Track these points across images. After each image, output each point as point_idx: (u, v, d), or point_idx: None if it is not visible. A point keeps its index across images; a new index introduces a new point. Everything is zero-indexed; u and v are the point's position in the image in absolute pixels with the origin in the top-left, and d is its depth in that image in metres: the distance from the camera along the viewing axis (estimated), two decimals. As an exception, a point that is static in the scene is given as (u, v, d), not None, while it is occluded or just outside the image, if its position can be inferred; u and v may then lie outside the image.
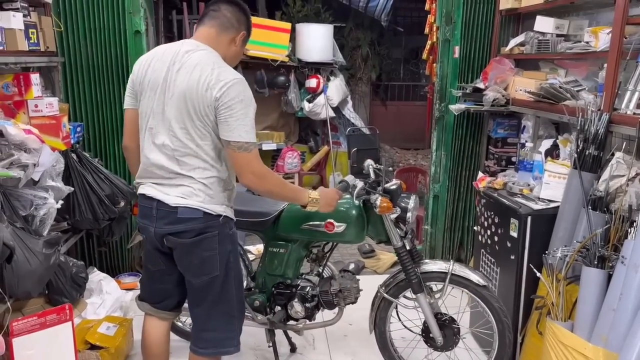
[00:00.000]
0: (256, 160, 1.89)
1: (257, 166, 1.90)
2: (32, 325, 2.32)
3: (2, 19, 2.64)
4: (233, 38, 1.99)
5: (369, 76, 8.20)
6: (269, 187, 2.00)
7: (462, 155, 3.97)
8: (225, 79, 1.82)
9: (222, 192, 1.99)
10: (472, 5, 3.70)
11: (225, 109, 1.82)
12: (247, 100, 1.85)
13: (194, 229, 1.93)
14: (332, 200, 2.23)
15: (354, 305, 2.62)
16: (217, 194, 1.97)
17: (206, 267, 1.99)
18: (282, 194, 2.08)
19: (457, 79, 3.82)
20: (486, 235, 3.04)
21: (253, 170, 1.90)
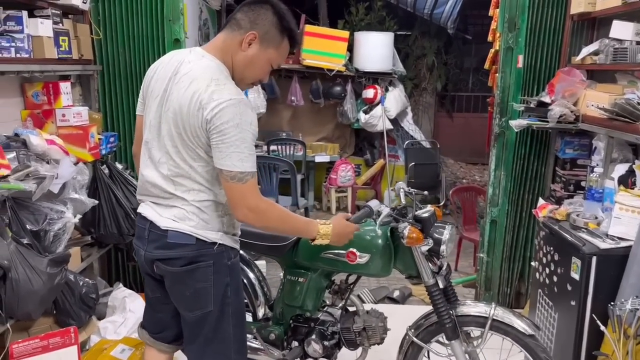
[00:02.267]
0: (252, 193, 1.64)
1: (253, 200, 1.65)
2: (34, 349, 2.22)
3: (30, 27, 2.58)
4: (240, 41, 1.69)
5: (434, 86, 7.79)
6: (268, 224, 1.75)
7: (525, 177, 3.55)
8: (220, 98, 1.57)
9: (219, 218, 1.76)
10: (539, 10, 3.30)
11: (217, 134, 1.58)
12: (245, 125, 1.59)
13: (185, 257, 1.71)
14: (344, 235, 1.97)
15: (380, 346, 2.32)
16: (213, 219, 1.74)
17: (199, 300, 1.76)
18: (285, 230, 1.88)
19: (520, 92, 3.41)
20: (544, 273, 2.64)
21: (248, 205, 1.65)
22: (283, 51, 1.76)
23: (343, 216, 2.01)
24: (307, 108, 6.17)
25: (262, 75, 1.78)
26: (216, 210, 1.75)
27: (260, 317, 2.52)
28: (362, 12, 7.05)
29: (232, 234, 1.82)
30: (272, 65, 1.77)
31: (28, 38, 2.57)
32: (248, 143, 1.61)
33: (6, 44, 2.42)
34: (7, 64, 2.41)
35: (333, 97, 5.98)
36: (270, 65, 1.76)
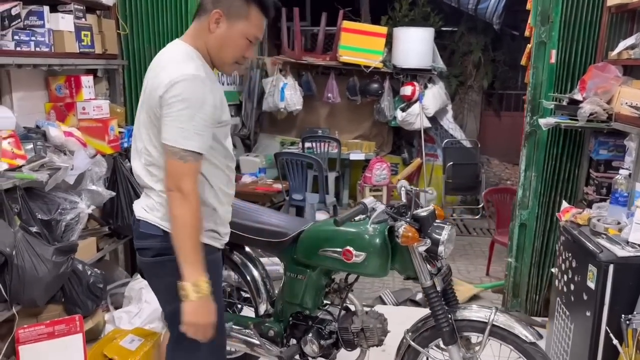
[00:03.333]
0: (189, 177, 1.55)
1: (189, 185, 1.55)
2: (40, 334, 2.29)
3: (51, 21, 2.67)
4: (208, 24, 1.63)
5: (481, 84, 7.53)
6: (182, 216, 1.56)
7: (557, 179, 3.36)
8: (172, 75, 1.54)
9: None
10: (574, 2, 3.10)
11: (165, 107, 1.54)
12: (194, 101, 1.53)
13: (154, 248, 1.68)
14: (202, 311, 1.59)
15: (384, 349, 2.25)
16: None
17: (170, 295, 1.66)
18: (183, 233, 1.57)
19: (553, 89, 3.23)
20: (563, 281, 2.48)
21: (181, 186, 1.54)
22: (255, 20, 1.65)
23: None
24: (343, 105, 6.11)
25: (240, 51, 1.68)
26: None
27: (262, 313, 2.50)
28: (405, 8, 6.91)
29: (207, 229, 1.73)
30: (250, 39, 1.67)
31: (49, 32, 2.65)
32: (196, 122, 1.53)
33: (26, 38, 2.51)
34: (25, 57, 2.50)
35: (370, 94, 5.89)
36: (247, 39, 1.66)
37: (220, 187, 1.76)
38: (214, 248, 1.80)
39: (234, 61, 1.71)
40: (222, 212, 1.80)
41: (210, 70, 1.70)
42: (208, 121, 1.57)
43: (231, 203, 1.89)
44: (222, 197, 1.78)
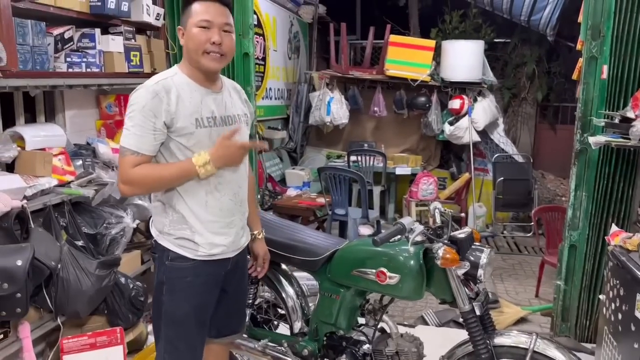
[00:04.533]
0: (124, 167, 1.71)
1: (125, 173, 1.71)
2: (83, 345, 2.38)
3: (102, 43, 2.80)
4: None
5: (535, 96, 7.31)
6: (148, 189, 1.89)
7: (609, 199, 3.20)
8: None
9: (162, 218, 1.84)
10: (627, 15, 2.96)
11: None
12: (134, 105, 1.69)
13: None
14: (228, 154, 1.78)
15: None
16: (158, 217, 1.86)
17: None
18: (169, 184, 1.78)
19: (605, 105, 3.10)
20: (610, 309, 2.36)
21: (121, 178, 1.73)
22: (197, 9, 1.74)
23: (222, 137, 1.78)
24: (390, 119, 6.08)
25: (198, 41, 1.73)
26: (162, 210, 1.84)
27: (297, 332, 2.50)
28: (456, 20, 6.83)
29: (175, 237, 1.82)
30: (200, 26, 1.72)
31: (99, 54, 2.78)
32: (135, 122, 1.68)
33: (77, 60, 2.65)
34: (77, 77, 2.63)
35: (417, 108, 5.84)
36: (198, 27, 1.73)
37: (194, 195, 1.80)
38: (184, 257, 1.82)
39: (203, 52, 1.74)
40: (200, 220, 1.82)
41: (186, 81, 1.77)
42: (146, 121, 1.67)
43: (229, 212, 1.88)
44: (196, 206, 1.81)
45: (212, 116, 1.81)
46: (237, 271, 2.03)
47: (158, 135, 1.71)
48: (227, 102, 1.89)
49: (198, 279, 1.85)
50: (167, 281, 1.84)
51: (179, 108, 1.72)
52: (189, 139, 1.75)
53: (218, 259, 1.88)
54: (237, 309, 2.16)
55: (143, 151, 1.70)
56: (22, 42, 2.24)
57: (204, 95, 1.80)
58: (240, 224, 1.95)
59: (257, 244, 2.20)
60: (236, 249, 1.95)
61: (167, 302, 1.85)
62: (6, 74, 2.12)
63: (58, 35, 2.52)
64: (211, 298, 1.94)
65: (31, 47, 2.29)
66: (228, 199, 1.87)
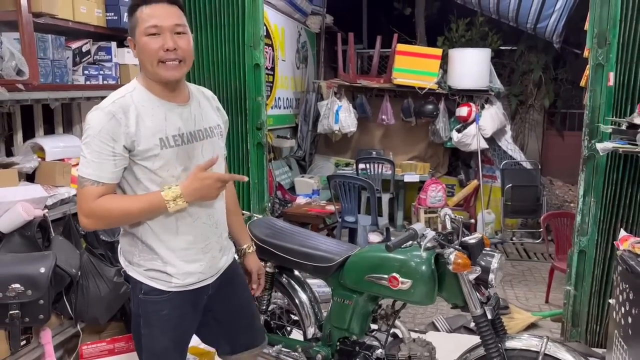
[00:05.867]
0: (85, 199, 1.54)
1: (86, 206, 1.54)
2: (101, 351, 2.44)
3: (118, 56, 2.87)
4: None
5: (542, 103, 7.34)
6: (112, 224, 1.69)
7: (617, 205, 3.22)
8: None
9: (130, 247, 1.71)
10: (633, 23, 3.00)
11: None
12: (89, 130, 1.53)
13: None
14: (203, 187, 1.60)
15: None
16: (126, 247, 1.72)
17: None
18: (135, 219, 1.62)
19: (612, 112, 3.13)
20: (620, 313, 2.39)
21: (82, 211, 1.56)
22: (143, 14, 1.59)
23: (197, 168, 1.63)
24: (398, 127, 6.13)
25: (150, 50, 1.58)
26: (130, 239, 1.70)
27: (310, 337, 2.55)
28: (462, 29, 6.89)
29: (145, 268, 1.68)
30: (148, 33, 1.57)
31: (116, 66, 2.86)
32: (91, 149, 1.53)
33: (95, 72, 2.73)
34: (94, 90, 2.70)
35: (425, 116, 5.89)
36: (146, 35, 1.58)
37: (163, 223, 1.65)
38: (157, 290, 1.68)
39: (157, 61, 1.59)
40: (170, 249, 1.67)
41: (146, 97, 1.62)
42: (106, 150, 1.53)
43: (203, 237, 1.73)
44: (166, 234, 1.66)
45: (179, 133, 1.64)
46: (223, 291, 1.88)
47: (119, 161, 1.55)
48: (196, 115, 1.71)
49: (175, 311, 1.71)
50: (143, 315, 1.70)
51: (140, 129, 1.56)
52: (154, 162, 1.59)
53: (196, 287, 1.73)
54: (247, 324, 2.02)
55: (103, 180, 1.54)
56: (43, 57, 2.31)
57: (167, 111, 1.63)
58: (217, 247, 1.79)
59: (248, 259, 2.06)
60: (215, 273, 1.80)
61: (145, 335, 1.72)
62: (28, 87, 2.19)
63: (76, 49, 2.60)
64: (190, 327, 1.82)
65: (51, 60, 2.37)
66: (202, 223, 1.71)
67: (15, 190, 2.09)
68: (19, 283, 1.91)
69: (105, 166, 1.54)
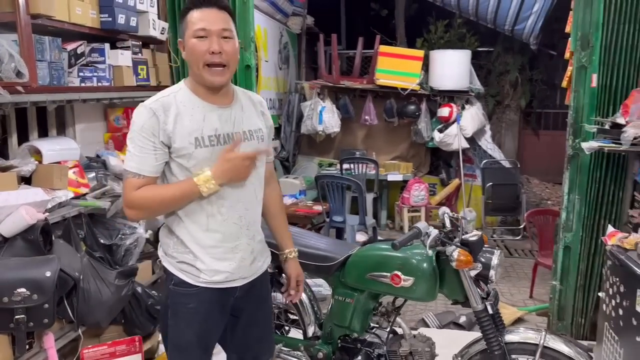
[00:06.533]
0: (127, 191, 1.66)
1: (127, 197, 1.66)
2: (103, 354, 2.42)
3: (111, 57, 2.85)
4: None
5: (518, 103, 7.52)
6: (153, 213, 1.80)
7: (601, 202, 3.35)
8: None
9: (167, 239, 1.79)
10: (614, 26, 3.12)
11: None
12: (133, 126, 1.65)
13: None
14: (231, 168, 1.65)
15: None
16: (164, 239, 1.80)
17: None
18: (172, 207, 1.69)
19: (595, 112, 3.24)
20: (611, 305, 2.48)
21: (125, 203, 1.68)
22: (194, 18, 1.64)
23: (224, 151, 1.68)
24: (381, 127, 6.20)
25: (198, 52, 1.63)
26: (167, 232, 1.78)
27: (310, 335, 2.57)
28: (441, 30, 7.00)
29: (177, 260, 1.74)
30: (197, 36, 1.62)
31: (109, 68, 2.83)
32: (135, 143, 1.64)
33: (89, 74, 2.70)
34: (88, 92, 2.68)
35: (407, 116, 5.98)
36: (195, 37, 1.63)
37: (195, 219, 1.71)
38: (186, 283, 1.73)
39: (203, 64, 1.64)
40: (200, 245, 1.72)
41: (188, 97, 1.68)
42: (143, 139, 1.62)
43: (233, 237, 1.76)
44: (197, 230, 1.72)
45: (215, 134, 1.69)
46: (252, 298, 1.88)
47: (159, 155, 1.64)
48: (236, 118, 1.75)
49: (202, 306, 1.75)
50: (171, 306, 1.76)
51: (177, 127, 1.63)
52: (189, 160, 1.66)
53: (223, 287, 1.77)
54: (259, 337, 1.99)
55: (144, 172, 1.63)
56: (41, 58, 2.29)
57: (207, 112, 1.68)
58: (248, 249, 1.80)
59: (288, 265, 2.07)
60: (246, 275, 1.81)
61: (171, 326, 1.78)
62: (27, 89, 2.17)
63: (71, 51, 2.58)
64: (217, 325, 1.84)
65: (49, 62, 2.34)
66: (232, 223, 1.75)
67: (18, 194, 2.06)
68: (25, 287, 1.89)
69: (146, 160, 1.63)
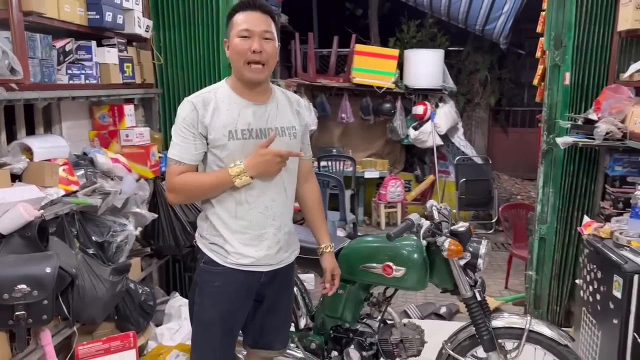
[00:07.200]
0: (169, 176, 1.85)
1: (169, 182, 1.85)
2: (97, 351, 2.43)
3: (98, 55, 2.85)
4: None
5: (488, 101, 7.73)
6: (190, 197, 2.01)
7: (574, 194, 3.51)
8: None
9: (202, 222, 1.96)
10: (586, 27, 3.28)
11: None
12: (178, 117, 1.84)
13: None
14: (263, 162, 1.79)
15: (417, 357, 2.38)
16: (201, 222, 1.97)
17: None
18: (206, 194, 1.86)
19: (568, 109, 3.40)
20: (588, 291, 2.62)
21: (167, 187, 1.87)
22: (239, 19, 1.79)
23: (259, 146, 1.81)
24: (357, 125, 6.29)
25: (241, 51, 1.77)
26: (203, 216, 1.96)
27: (302, 327, 2.64)
28: (413, 30, 7.14)
29: (209, 242, 1.90)
30: (241, 35, 1.77)
31: (96, 65, 2.83)
32: (177, 134, 1.83)
33: (77, 72, 2.69)
34: (78, 89, 2.67)
35: (383, 114, 6.08)
36: (239, 37, 1.78)
37: (225, 206, 1.86)
38: (215, 262, 1.89)
39: (245, 62, 1.78)
40: (229, 230, 1.87)
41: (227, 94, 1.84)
42: (184, 130, 1.81)
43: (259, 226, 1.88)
44: (226, 216, 1.86)
45: (248, 128, 1.83)
46: (275, 285, 2.00)
47: (199, 145, 1.81)
48: (270, 114, 1.88)
49: (227, 285, 1.88)
50: (200, 283, 1.91)
51: (214, 120, 1.79)
52: (222, 151, 1.81)
53: (248, 270, 1.89)
54: (275, 325, 2.09)
55: (185, 160, 1.81)
56: (32, 56, 2.28)
57: (242, 108, 1.83)
58: (274, 239, 1.91)
59: (324, 258, 2.17)
60: (272, 263, 1.93)
61: (198, 304, 1.92)
62: (21, 87, 2.16)
63: (60, 48, 2.57)
64: (241, 307, 1.95)
65: (40, 60, 2.33)
66: (258, 212, 1.87)
67: (13, 191, 2.06)
68: (25, 284, 1.89)
69: (187, 149, 1.81)
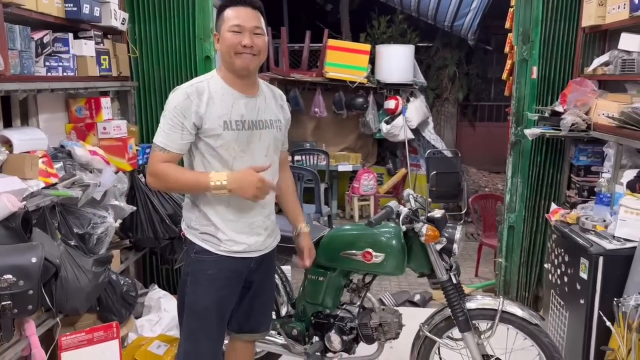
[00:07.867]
0: (153, 160, 1.88)
1: (152, 166, 1.88)
2: (80, 341, 2.44)
3: (75, 47, 2.83)
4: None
5: (456, 96, 7.91)
6: (164, 187, 2.00)
7: (541, 184, 3.66)
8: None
9: (190, 212, 2.00)
10: (552, 23, 3.43)
11: None
12: (168, 105, 1.86)
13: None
14: (246, 184, 1.82)
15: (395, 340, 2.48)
16: (187, 212, 2.01)
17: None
18: (181, 189, 2.04)
19: (535, 102, 3.54)
20: (556, 274, 2.76)
21: (149, 171, 1.89)
22: (230, 14, 1.85)
23: (250, 167, 1.88)
24: (330, 119, 6.37)
25: (231, 44, 1.83)
26: (190, 206, 2.00)
27: (284, 315, 2.69)
28: (383, 26, 7.25)
29: (200, 232, 1.94)
30: (232, 30, 1.84)
31: (73, 58, 2.81)
32: (165, 121, 1.86)
33: (55, 64, 2.67)
34: (56, 82, 2.66)
35: (355, 108, 6.17)
36: (230, 31, 1.84)
37: (218, 197, 1.89)
38: (207, 251, 1.94)
39: (234, 52, 1.85)
40: (222, 219, 1.93)
41: (220, 85, 1.89)
42: (173, 119, 1.83)
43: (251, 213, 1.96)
44: (219, 205, 1.92)
45: (241, 120, 1.89)
46: (261, 271, 2.09)
47: (185, 135, 1.84)
48: (259, 107, 1.95)
49: (220, 273, 1.94)
50: (191, 273, 1.95)
51: (209, 110, 1.83)
52: (217, 140, 1.86)
53: (241, 257, 1.96)
54: (260, 308, 2.19)
55: (170, 148, 1.84)
56: (12, 47, 2.26)
57: (235, 99, 1.89)
58: (263, 226, 2.01)
59: (303, 237, 2.26)
60: (261, 249, 2.02)
61: (190, 293, 1.96)
62: (0, 78, 2.15)
63: (38, 40, 2.55)
64: (232, 293, 2.02)
65: (19, 51, 2.32)
66: (250, 201, 1.91)
67: (-4, 182, 2.05)
68: (11, 274, 1.89)
69: (173, 137, 1.84)
